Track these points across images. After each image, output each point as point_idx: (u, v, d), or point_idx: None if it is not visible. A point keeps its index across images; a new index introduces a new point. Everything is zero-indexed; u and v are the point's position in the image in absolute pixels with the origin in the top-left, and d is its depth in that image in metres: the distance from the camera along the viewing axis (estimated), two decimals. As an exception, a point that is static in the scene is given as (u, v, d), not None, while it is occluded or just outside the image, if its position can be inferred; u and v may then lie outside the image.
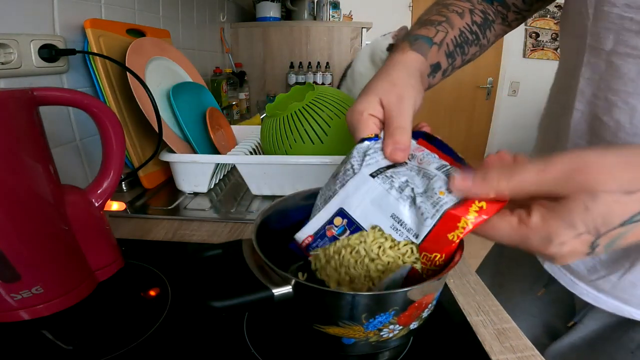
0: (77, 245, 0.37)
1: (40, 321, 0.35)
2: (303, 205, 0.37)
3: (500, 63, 2.89)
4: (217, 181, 0.75)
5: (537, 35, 2.79)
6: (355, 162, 0.30)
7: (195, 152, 0.69)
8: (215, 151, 0.74)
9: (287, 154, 0.63)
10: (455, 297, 0.41)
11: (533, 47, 2.81)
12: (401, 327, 0.29)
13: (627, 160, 0.19)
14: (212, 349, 0.33)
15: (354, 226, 0.29)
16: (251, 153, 0.71)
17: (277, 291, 0.27)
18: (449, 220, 0.25)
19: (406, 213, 0.27)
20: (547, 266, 0.45)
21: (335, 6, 1.86)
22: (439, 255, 0.26)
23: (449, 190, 0.25)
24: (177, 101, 0.68)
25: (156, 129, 0.61)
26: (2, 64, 0.48)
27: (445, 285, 0.42)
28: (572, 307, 0.45)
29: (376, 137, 0.31)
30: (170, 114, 0.70)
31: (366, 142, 0.30)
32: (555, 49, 2.82)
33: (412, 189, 0.27)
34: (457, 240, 0.25)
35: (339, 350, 0.32)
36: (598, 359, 0.42)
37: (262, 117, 1.14)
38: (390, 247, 0.28)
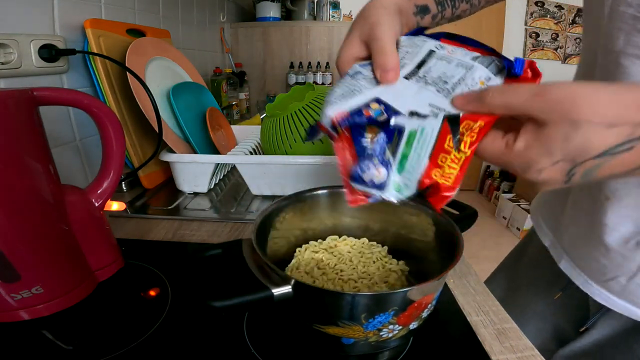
0: (77, 245, 0.37)
1: (40, 321, 0.35)
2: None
3: (500, 63, 2.89)
4: (217, 181, 0.75)
5: (537, 35, 2.78)
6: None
7: (195, 152, 0.69)
8: (215, 151, 0.74)
9: (287, 154, 0.63)
10: (455, 297, 0.41)
11: (533, 47, 2.81)
12: (401, 327, 0.29)
13: (618, 97, 0.19)
14: (212, 349, 0.33)
15: (391, 111, 0.27)
16: (251, 153, 0.71)
17: (277, 291, 0.27)
18: None
19: (444, 101, 0.26)
20: (563, 266, 0.45)
21: (335, 6, 1.86)
22: (481, 122, 0.25)
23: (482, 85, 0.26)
24: (177, 101, 0.68)
25: (156, 129, 0.61)
26: (2, 64, 0.48)
27: (445, 285, 0.42)
28: (586, 313, 0.45)
29: None
30: (170, 114, 0.70)
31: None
32: (555, 49, 2.82)
33: (447, 81, 0.27)
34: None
35: (338, 350, 0.32)
36: None
37: (262, 117, 1.14)
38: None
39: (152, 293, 0.41)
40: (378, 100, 0.28)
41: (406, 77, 0.29)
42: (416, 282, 0.38)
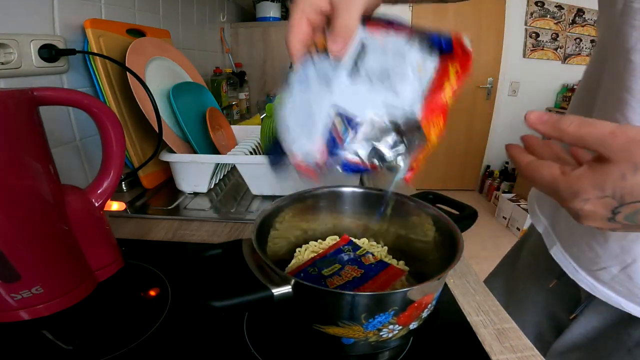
0: (77, 245, 0.37)
1: (40, 321, 0.35)
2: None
3: (500, 63, 2.88)
4: (217, 181, 0.75)
5: (537, 35, 2.78)
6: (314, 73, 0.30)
7: (195, 152, 0.69)
8: (215, 151, 0.74)
9: (287, 154, 0.63)
10: (455, 297, 0.41)
11: (533, 47, 2.81)
12: (401, 327, 0.29)
13: None
14: (212, 349, 0.33)
15: (353, 123, 0.28)
16: (251, 153, 0.71)
17: (277, 291, 0.27)
18: (436, 85, 0.26)
19: (392, 97, 0.27)
20: (554, 253, 0.46)
21: (335, 6, 1.86)
22: (441, 121, 0.27)
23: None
24: (177, 101, 0.68)
25: (156, 129, 0.61)
26: (2, 64, 0.48)
27: (445, 285, 0.42)
28: (577, 300, 0.46)
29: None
30: (170, 114, 0.70)
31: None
32: (555, 49, 2.82)
33: (389, 75, 0.27)
34: (450, 98, 0.27)
35: (338, 350, 0.32)
36: (598, 356, 0.43)
37: (262, 117, 1.14)
38: None
39: (152, 293, 0.41)
40: (338, 113, 0.28)
41: (351, 77, 0.29)
42: (416, 282, 0.38)
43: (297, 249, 0.43)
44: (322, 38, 0.31)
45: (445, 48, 0.27)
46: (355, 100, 0.28)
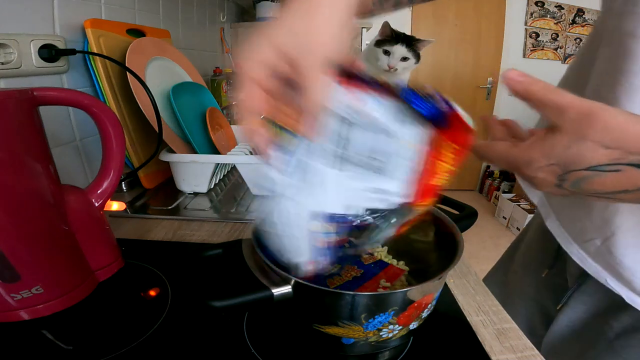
0: (77, 245, 0.37)
1: (40, 321, 0.35)
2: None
3: (500, 63, 2.88)
4: (217, 181, 0.75)
5: (537, 35, 2.78)
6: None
7: (195, 152, 0.69)
8: (215, 151, 0.74)
9: (287, 154, 0.63)
10: (455, 297, 0.41)
11: (533, 47, 2.81)
12: (401, 327, 0.29)
13: (627, 126, 0.21)
14: (212, 349, 0.33)
15: (336, 216, 0.25)
16: (251, 153, 0.71)
17: (277, 291, 0.27)
18: (429, 165, 0.25)
19: (382, 182, 0.25)
20: (549, 224, 0.46)
21: (335, 6, 1.86)
22: (432, 199, 0.27)
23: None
24: (177, 101, 0.68)
25: (156, 129, 0.61)
26: (2, 64, 0.48)
27: (445, 285, 0.42)
28: (565, 290, 0.46)
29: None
30: (170, 114, 0.70)
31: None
32: (555, 49, 2.82)
33: (376, 154, 0.25)
34: (446, 180, 0.26)
35: (338, 350, 0.32)
36: (582, 349, 0.43)
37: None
38: None
39: (152, 293, 0.41)
40: (319, 217, 0.25)
41: (332, 164, 0.25)
42: (416, 282, 0.38)
43: (297, 249, 0.43)
44: (285, 109, 0.24)
45: (438, 122, 0.24)
46: (339, 193, 0.25)
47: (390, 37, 0.89)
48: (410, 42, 0.88)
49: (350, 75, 0.25)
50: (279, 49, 0.23)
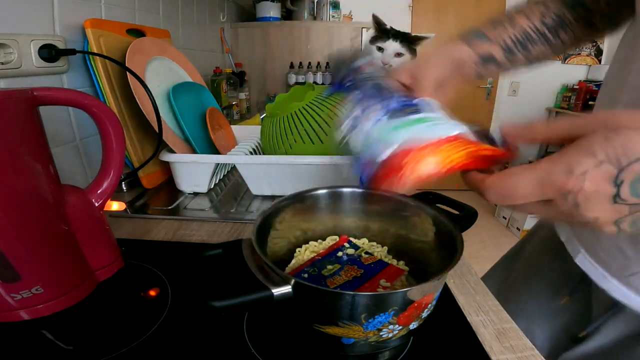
0: (77, 245, 0.37)
1: (40, 321, 0.35)
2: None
3: (500, 63, 2.89)
4: (217, 181, 0.75)
5: (537, 35, 2.79)
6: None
7: (195, 152, 0.69)
8: (215, 151, 0.74)
9: (287, 154, 0.63)
10: (455, 297, 0.41)
11: (533, 47, 2.82)
12: (401, 327, 0.29)
13: None
14: (212, 349, 0.33)
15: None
16: (251, 153, 0.71)
17: (277, 291, 0.27)
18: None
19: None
20: (580, 261, 0.43)
21: (335, 6, 1.86)
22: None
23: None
24: (177, 101, 0.68)
25: (156, 129, 0.61)
26: (2, 64, 0.48)
27: (445, 285, 0.42)
28: (587, 318, 0.44)
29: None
30: (170, 114, 0.70)
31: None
32: (555, 49, 2.82)
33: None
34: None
35: (338, 350, 0.32)
36: None
37: (262, 117, 1.14)
38: None
39: (152, 293, 0.41)
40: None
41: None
42: (416, 282, 0.38)
43: (297, 249, 0.43)
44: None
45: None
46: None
47: (380, 32, 0.89)
48: (405, 38, 0.87)
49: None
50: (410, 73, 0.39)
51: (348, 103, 0.35)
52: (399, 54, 0.87)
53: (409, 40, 0.87)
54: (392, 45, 0.86)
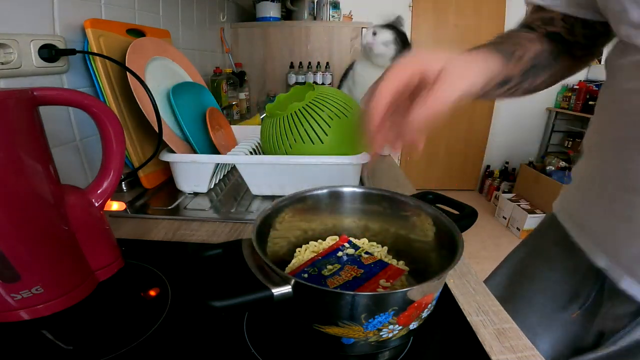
0: (77, 245, 0.37)
1: (40, 321, 0.35)
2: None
3: (500, 63, 2.89)
4: (217, 181, 0.75)
5: (537, 35, 2.79)
6: None
7: (195, 152, 0.69)
8: (215, 151, 0.74)
9: (287, 154, 0.63)
10: (455, 297, 0.41)
11: (533, 47, 2.82)
12: (401, 327, 0.29)
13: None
14: (212, 349, 0.33)
15: None
16: (251, 153, 0.71)
17: (277, 291, 0.27)
18: None
19: None
20: (626, 285, 0.39)
21: (335, 6, 1.86)
22: None
23: None
24: (177, 101, 0.68)
25: (156, 129, 0.61)
26: (2, 64, 0.48)
27: (445, 285, 0.42)
28: (594, 331, 0.44)
29: None
30: (170, 114, 0.70)
31: None
32: (556, 49, 2.82)
33: None
34: None
35: (338, 350, 0.32)
36: None
37: (262, 117, 1.14)
38: None
39: (152, 293, 0.41)
40: None
41: None
42: (416, 282, 0.38)
43: (297, 249, 0.43)
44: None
45: None
46: None
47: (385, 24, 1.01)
48: (402, 35, 0.98)
49: None
50: (425, 64, 0.33)
51: None
52: (387, 43, 0.98)
53: (402, 39, 0.99)
54: (384, 34, 0.97)
